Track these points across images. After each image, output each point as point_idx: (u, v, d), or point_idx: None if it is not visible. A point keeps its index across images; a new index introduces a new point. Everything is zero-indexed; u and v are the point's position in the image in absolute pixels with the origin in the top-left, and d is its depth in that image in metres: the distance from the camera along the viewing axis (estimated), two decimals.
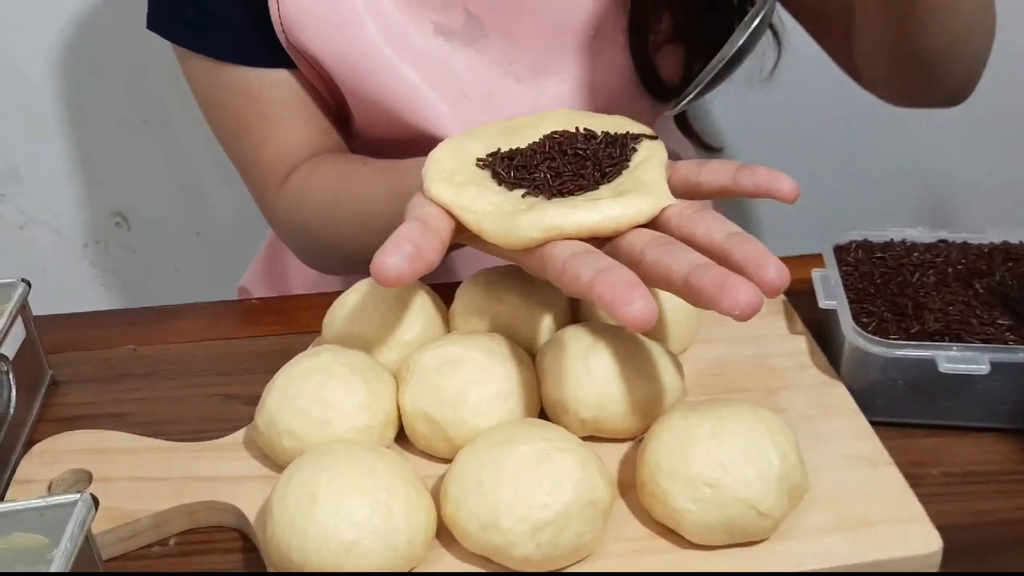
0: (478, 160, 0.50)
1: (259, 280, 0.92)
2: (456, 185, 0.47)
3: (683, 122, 0.82)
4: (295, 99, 0.70)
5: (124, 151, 1.22)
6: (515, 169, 0.48)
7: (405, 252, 0.42)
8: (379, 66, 0.66)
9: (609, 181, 0.48)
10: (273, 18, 0.65)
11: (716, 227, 0.43)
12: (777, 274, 0.40)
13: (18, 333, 0.56)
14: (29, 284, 0.57)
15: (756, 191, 0.45)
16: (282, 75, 0.69)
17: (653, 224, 0.46)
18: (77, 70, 1.15)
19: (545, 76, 0.69)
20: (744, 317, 0.38)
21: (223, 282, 1.04)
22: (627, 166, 0.49)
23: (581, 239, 0.44)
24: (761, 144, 1.11)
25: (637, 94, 0.71)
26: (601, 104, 0.69)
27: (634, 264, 0.43)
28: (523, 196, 0.48)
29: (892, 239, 0.60)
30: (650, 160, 0.49)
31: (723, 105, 0.99)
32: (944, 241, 0.60)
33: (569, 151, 0.50)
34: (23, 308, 0.57)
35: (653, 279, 0.42)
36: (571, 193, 0.48)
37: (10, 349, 0.55)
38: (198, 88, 0.72)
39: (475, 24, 0.68)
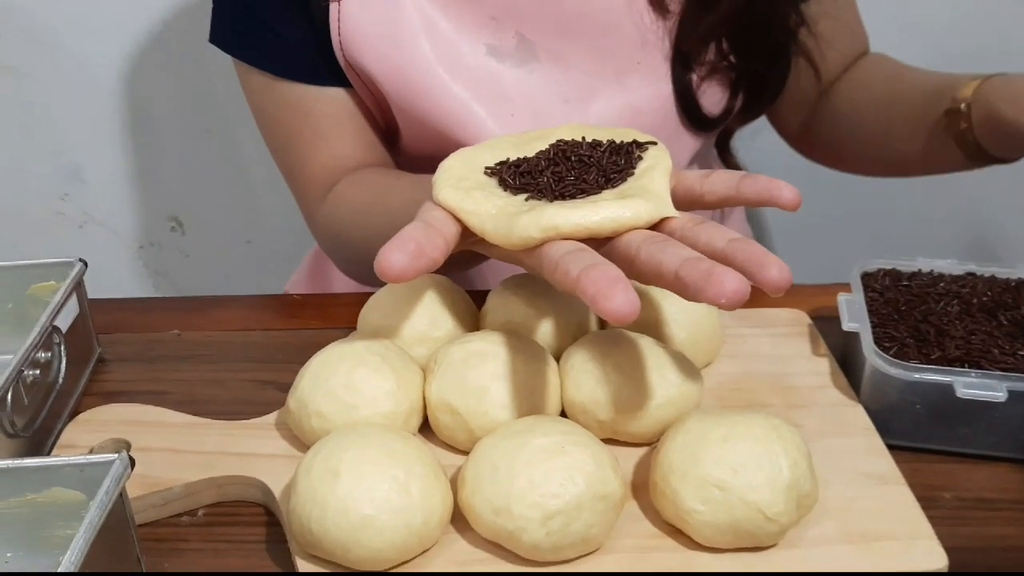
0: (486, 168, 0.52)
1: (302, 287, 0.95)
2: (463, 190, 0.49)
3: (725, 150, 0.84)
4: (345, 116, 0.73)
5: (184, 158, 1.27)
6: (520, 175, 0.50)
7: (408, 249, 0.44)
8: (432, 84, 0.68)
9: (613, 187, 0.49)
10: (333, 36, 0.68)
11: (717, 235, 0.44)
12: (778, 272, 0.41)
13: (72, 309, 0.60)
14: (86, 264, 0.60)
15: (758, 199, 0.46)
16: (334, 92, 0.72)
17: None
18: (146, 78, 1.21)
19: (593, 98, 0.71)
20: (730, 305, 0.39)
21: (270, 290, 1.07)
22: (632, 173, 0.50)
23: (579, 240, 0.45)
24: (802, 176, 1.12)
25: (682, 120, 0.72)
26: (646, 128, 0.70)
27: (629, 261, 0.44)
28: (526, 200, 0.49)
29: (920, 269, 0.61)
30: (656, 168, 0.49)
31: (769, 137, 1.00)
32: (972, 273, 0.60)
33: (573, 158, 0.51)
34: (78, 286, 0.60)
35: (646, 275, 0.43)
36: (573, 196, 0.48)
37: (63, 323, 0.58)
38: (254, 100, 0.75)
39: (526, 46, 0.70)
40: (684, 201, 0.50)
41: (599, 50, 0.70)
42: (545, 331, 0.56)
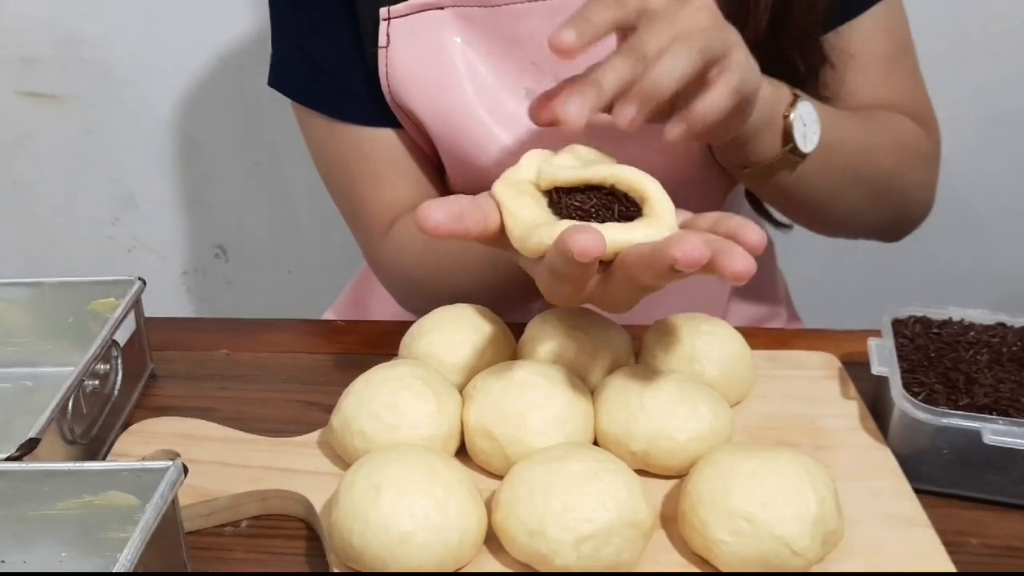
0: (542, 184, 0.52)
1: (341, 315, 0.97)
2: (519, 192, 0.51)
3: (755, 199, 0.85)
4: (401, 156, 0.76)
5: (232, 188, 1.31)
6: (565, 195, 0.51)
7: (451, 212, 0.48)
8: (473, 126, 0.71)
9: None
10: (382, 80, 0.71)
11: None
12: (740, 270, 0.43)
13: (129, 326, 0.63)
14: (144, 282, 0.63)
15: (728, 237, 0.48)
16: (389, 134, 0.75)
17: None
18: (200, 111, 1.26)
19: (627, 140, 0.73)
20: (684, 262, 0.43)
21: (309, 318, 1.10)
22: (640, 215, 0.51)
23: None
24: None
25: (711, 164, 0.74)
26: (678, 169, 0.72)
27: (620, 265, 0.48)
28: (558, 220, 0.50)
29: (951, 317, 0.62)
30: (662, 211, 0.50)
31: None
32: (1002, 324, 0.61)
33: (603, 196, 0.52)
34: (136, 304, 0.63)
35: (631, 264, 0.47)
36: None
37: (121, 338, 0.61)
38: (313, 142, 0.79)
39: None
40: None
41: None
42: (581, 363, 0.58)
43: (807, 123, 0.60)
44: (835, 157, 0.64)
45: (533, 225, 0.49)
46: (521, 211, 0.50)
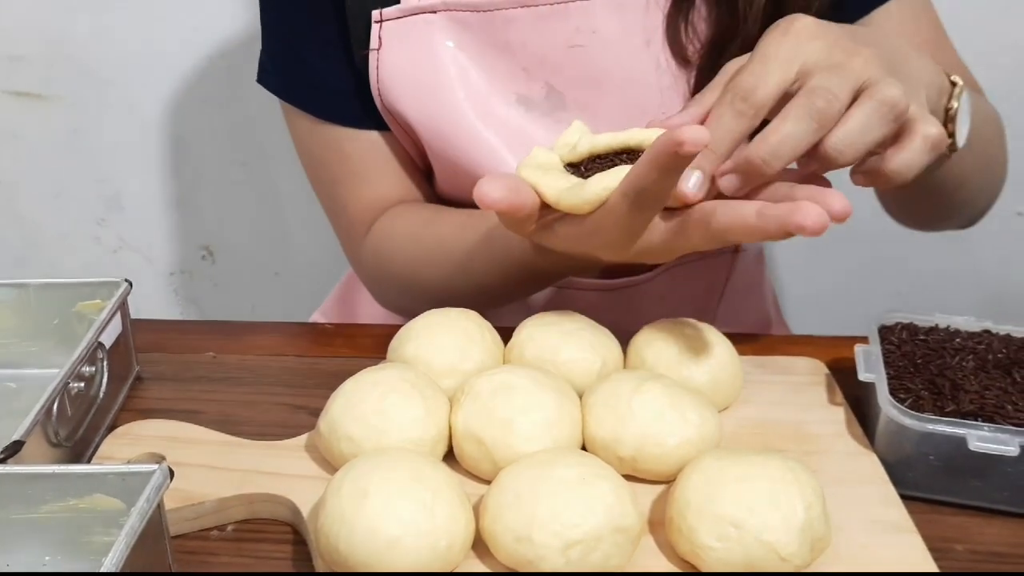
0: (566, 164, 0.56)
1: (328, 317, 0.97)
2: (543, 172, 0.53)
3: None
4: (383, 158, 0.76)
5: (219, 189, 1.31)
6: (591, 162, 0.54)
7: (507, 185, 0.51)
8: (463, 130, 0.71)
9: None
10: (372, 82, 0.71)
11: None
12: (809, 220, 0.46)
13: (115, 328, 0.62)
14: (130, 284, 0.63)
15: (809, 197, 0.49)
16: (373, 135, 0.75)
17: None
18: (187, 111, 1.25)
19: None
20: (813, 230, 0.45)
21: (297, 321, 1.10)
22: None
23: None
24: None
25: None
26: None
27: (706, 221, 0.50)
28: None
29: (937, 324, 0.63)
30: None
31: None
32: (988, 331, 0.62)
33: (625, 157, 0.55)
34: (123, 305, 0.63)
35: (727, 227, 0.49)
36: None
37: (107, 340, 0.60)
38: (299, 141, 0.79)
39: (555, 97, 0.73)
40: None
41: (625, 100, 0.72)
42: (570, 368, 0.58)
43: (964, 115, 0.58)
44: (973, 140, 0.62)
45: (570, 188, 0.51)
46: (555, 182, 0.52)
